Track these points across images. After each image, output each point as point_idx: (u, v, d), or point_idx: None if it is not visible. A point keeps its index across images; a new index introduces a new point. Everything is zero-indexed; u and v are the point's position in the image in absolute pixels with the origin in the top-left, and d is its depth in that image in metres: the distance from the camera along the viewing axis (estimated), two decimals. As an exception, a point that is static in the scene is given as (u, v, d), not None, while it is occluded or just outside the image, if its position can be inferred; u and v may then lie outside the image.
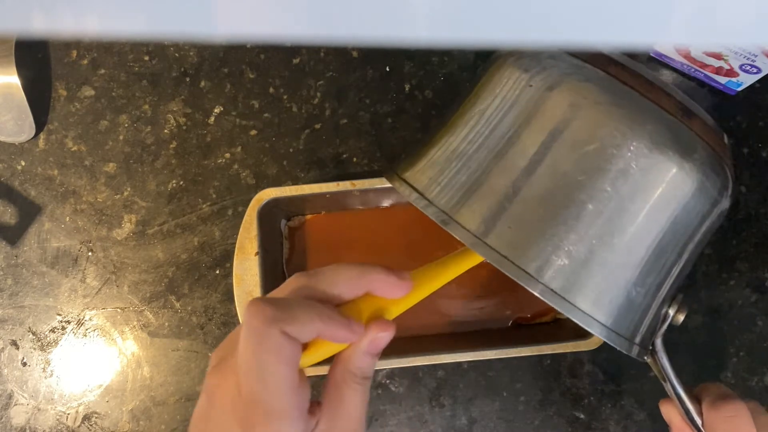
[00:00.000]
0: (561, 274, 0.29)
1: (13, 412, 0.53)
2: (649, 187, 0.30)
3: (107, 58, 0.56)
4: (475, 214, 0.30)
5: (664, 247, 0.31)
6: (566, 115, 0.30)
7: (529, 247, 0.29)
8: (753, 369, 0.51)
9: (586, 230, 0.29)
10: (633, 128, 0.29)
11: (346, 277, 0.30)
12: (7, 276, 0.54)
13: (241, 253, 0.48)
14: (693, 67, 0.52)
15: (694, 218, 0.31)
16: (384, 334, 0.30)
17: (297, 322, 0.27)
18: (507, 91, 0.31)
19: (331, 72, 0.55)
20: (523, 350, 0.47)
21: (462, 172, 0.31)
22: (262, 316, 0.27)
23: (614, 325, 0.30)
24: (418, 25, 0.15)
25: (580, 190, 0.29)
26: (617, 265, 0.30)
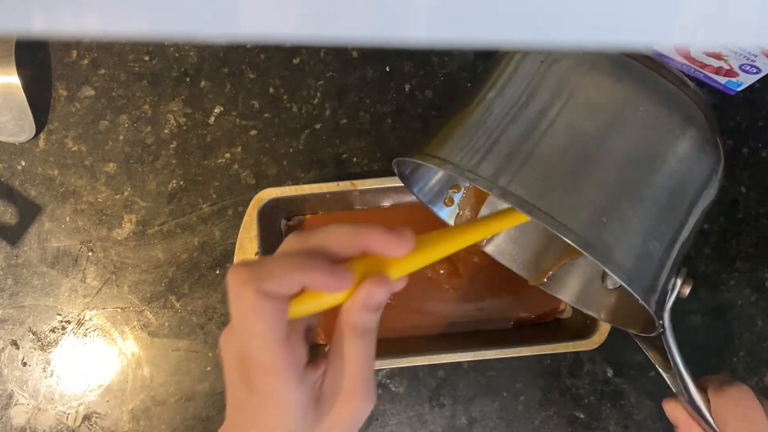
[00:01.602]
0: (591, 226, 0.31)
1: (13, 412, 0.53)
2: (690, 177, 0.33)
3: (107, 58, 0.56)
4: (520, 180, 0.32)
5: (675, 202, 0.34)
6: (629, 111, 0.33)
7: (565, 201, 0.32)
8: (753, 369, 0.51)
9: (610, 183, 0.32)
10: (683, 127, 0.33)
11: (341, 234, 0.29)
12: (7, 276, 0.54)
13: (241, 253, 0.48)
14: (693, 67, 0.52)
15: (697, 179, 0.35)
16: (379, 288, 0.29)
17: (273, 278, 0.27)
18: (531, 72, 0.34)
19: (331, 72, 0.55)
20: (523, 350, 0.47)
21: (499, 144, 0.33)
22: (236, 278, 0.27)
23: (636, 277, 0.32)
24: (418, 25, 0.15)
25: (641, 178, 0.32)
26: (640, 217, 0.32)
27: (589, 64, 0.33)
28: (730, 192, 0.53)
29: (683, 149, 0.33)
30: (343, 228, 0.30)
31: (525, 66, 0.35)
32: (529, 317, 0.52)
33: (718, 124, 0.37)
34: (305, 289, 0.28)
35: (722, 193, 0.52)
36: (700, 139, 0.34)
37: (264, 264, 0.28)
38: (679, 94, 0.34)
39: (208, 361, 0.52)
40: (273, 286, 0.27)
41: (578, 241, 0.30)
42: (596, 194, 0.32)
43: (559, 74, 0.34)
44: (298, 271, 0.28)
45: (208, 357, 0.52)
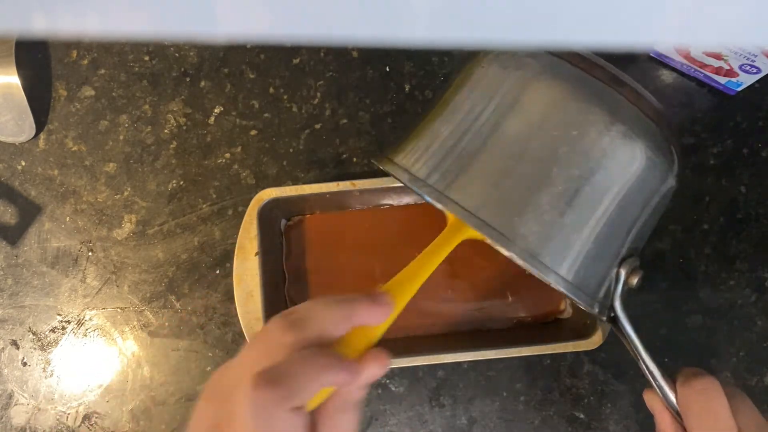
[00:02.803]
0: (537, 241, 0.33)
1: (13, 412, 0.53)
2: (620, 169, 0.34)
3: (107, 58, 0.56)
4: (464, 191, 0.34)
5: (621, 217, 0.35)
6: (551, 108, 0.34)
7: (514, 218, 0.34)
8: (753, 369, 0.51)
9: (563, 204, 0.34)
10: (609, 125, 0.34)
11: (333, 320, 0.30)
12: (7, 276, 0.54)
13: (241, 253, 0.48)
14: (693, 67, 0.52)
15: (648, 194, 0.36)
16: (380, 370, 0.30)
17: (302, 392, 0.28)
18: (498, 82, 0.36)
19: (331, 72, 0.55)
20: (523, 350, 0.47)
21: (454, 156, 0.35)
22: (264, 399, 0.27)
23: (579, 284, 0.34)
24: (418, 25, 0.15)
25: (562, 173, 0.34)
26: (586, 232, 0.34)
27: (518, 67, 0.35)
28: (730, 192, 0.53)
29: (608, 144, 0.34)
30: (333, 311, 0.31)
31: (472, 73, 0.37)
32: (529, 317, 0.52)
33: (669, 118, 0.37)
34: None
35: (722, 193, 0.52)
36: (631, 134, 0.34)
37: (289, 376, 0.28)
38: (608, 91, 0.35)
39: (208, 361, 0.52)
40: (301, 400, 0.28)
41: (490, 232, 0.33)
42: (514, 188, 0.34)
43: (490, 78, 0.36)
44: (321, 377, 0.28)
45: (208, 357, 0.52)
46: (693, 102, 0.53)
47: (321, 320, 0.30)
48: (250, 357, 0.31)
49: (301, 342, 0.30)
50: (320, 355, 0.29)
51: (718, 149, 0.53)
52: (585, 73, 0.35)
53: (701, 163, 0.53)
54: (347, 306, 0.31)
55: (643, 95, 0.36)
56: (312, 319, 0.30)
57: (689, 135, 0.53)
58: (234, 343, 0.52)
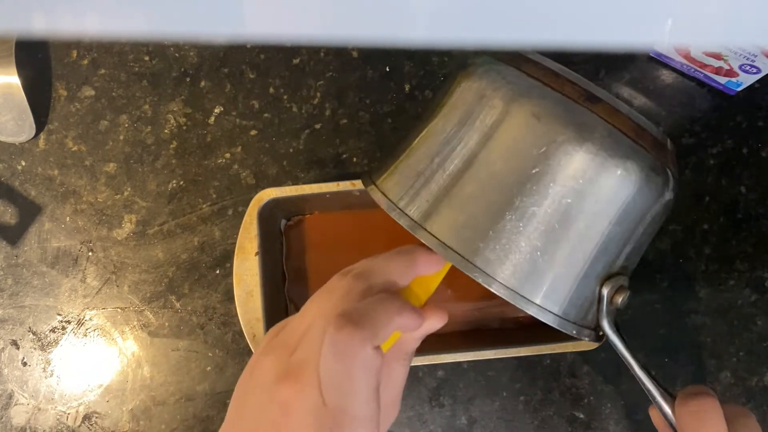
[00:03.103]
0: (515, 272, 0.33)
1: (13, 412, 0.53)
2: (593, 190, 0.33)
3: (107, 58, 0.56)
4: (440, 222, 0.34)
5: (608, 241, 0.34)
6: (520, 132, 0.33)
7: (486, 248, 0.33)
8: (753, 369, 0.51)
9: (538, 233, 0.33)
10: (578, 146, 0.33)
11: (399, 268, 0.33)
12: (7, 276, 0.54)
13: (241, 253, 0.48)
14: (693, 67, 0.52)
15: (637, 215, 0.35)
16: (440, 322, 0.33)
17: (381, 331, 0.29)
18: (470, 106, 0.35)
19: (331, 72, 0.55)
20: (523, 350, 0.47)
21: (430, 184, 0.35)
22: (353, 339, 0.28)
23: (563, 313, 0.34)
24: (418, 25, 0.15)
25: (532, 198, 0.33)
26: (565, 260, 0.33)
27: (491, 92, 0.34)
28: (730, 192, 0.53)
29: (579, 164, 0.32)
30: (398, 260, 0.33)
31: (450, 96, 0.36)
32: (529, 317, 0.52)
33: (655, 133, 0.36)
34: None
35: (722, 193, 0.52)
36: (602, 153, 0.33)
37: (370, 317, 0.29)
38: (580, 110, 0.33)
39: (208, 361, 0.52)
40: (381, 339, 0.29)
41: (457, 259, 0.33)
42: (480, 214, 0.33)
43: (464, 104, 0.35)
44: (397, 318, 0.30)
45: (208, 357, 0.52)
46: (693, 102, 0.53)
47: (386, 270, 0.32)
48: (322, 305, 0.31)
49: (372, 289, 0.31)
50: (394, 299, 0.31)
51: (718, 149, 0.53)
52: (557, 93, 0.33)
53: (701, 163, 0.53)
54: (409, 256, 0.33)
55: (620, 111, 0.34)
56: (377, 270, 0.32)
57: (689, 135, 0.53)
58: (234, 343, 0.52)
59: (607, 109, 0.34)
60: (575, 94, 0.34)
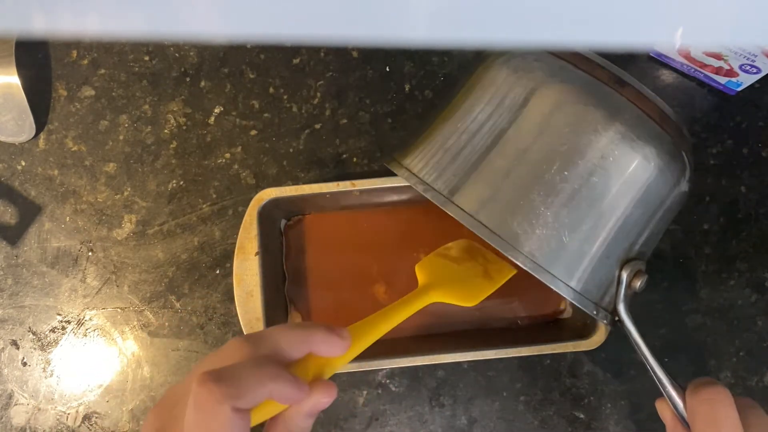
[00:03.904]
0: (540, 246, 0.33)
1: (13, 412, 0.53)
2: (619, 170, 0.34)
3: (107, 58, 0.56)
4: (468, 196, 0.34)
5: (629, 223, 0.35)
6: (550, 110, 0.34)
7: (513, 222, 0.33)
8: (753, 369, 0.51)
9: (565, 209, 0.34)
10: (607, 125, 0.34)
11: (291, 340, 0.31)
12: (7, 276, 0.54)
13: (241, 253, 0.48)
14: (693, 67, 0.52)
15: (656, 199, 0.36)
16: (327, 399, 0.31)
17: (249, 394, 0.28)
18: (498, 88, 0.36)
19: (331, 72, 0.55)
20: (523, 350, 0.47)
21: (458, 160, 0.35)
22: (210, 395, 0.27)
23: (583, 290, 0.34)
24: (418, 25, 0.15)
25: (561, 174, 0.33)
26: (588, 237, 0.34)
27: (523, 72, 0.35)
28: (730, 192, 0.53)
29: (606, 145, 0.33)
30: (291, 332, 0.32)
31: (479, 77, 0.37)
32: (529, 317, 0.52)
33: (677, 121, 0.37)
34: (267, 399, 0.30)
35: (722, 193, 0.52)
36: (630, 135, 0.34)
37: (236, 379, 0.28)
38: (609, 92, 0.34)
39: (208, 361, 0.52)
40: (246, 402, 0.28)
41: (485, 232, 0.33)
42: (508, 189, 0.34)
43: (495, 84, 0.36)
44: (268, 385, 0.29)
45: (208, 357, 0.52)
46: (693, 102, 0.53)
47: (277, 339, 0.31)
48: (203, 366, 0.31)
49: (256, 352, 0.30)
50: (270, 365, 0.29)
51: (718, 149, 0.53)
52: (587, 75, 0.34)
53: (701, 163, 0.53)
54: (305, 330, 0.32)
55: (647, 96, 0.35)
56: (269, 337, 0.31)
57: (689, 135, 0.53)
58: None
59: (634, 92, 0.35)
60: (604, 76, 0.35)
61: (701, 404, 0.34)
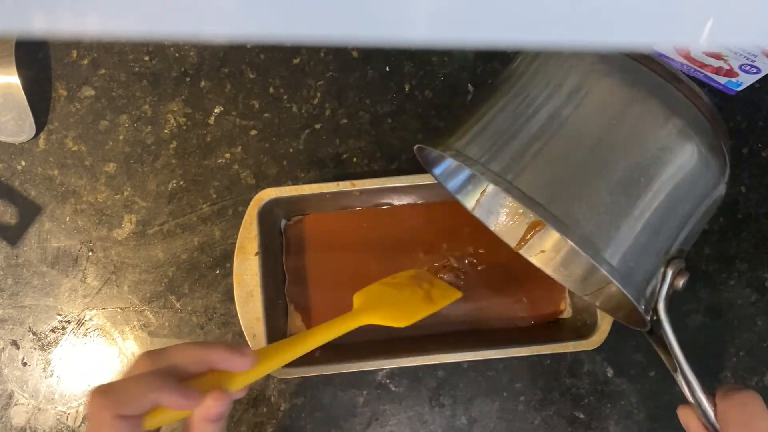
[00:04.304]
0: (596, 230, 0.34)
1: (13, 412, 0.53)
2: (673, 162, 0.35)
3: (107, 58, 0.56)
4: (527, 178, 0.34)
5: (676, 216, 0.35)
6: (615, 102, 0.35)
7: (572, 205, 0.34)
8: (753, 369, 0.51)
9: (621, 196, 0.34)
10: (666, 120, 0.34)
11: (190, 356, 0.34)
12: (7, 276, 0.54)
13: (241, 253, 0.48)
14: (693, 67, 0.52)
15: (700, 194, 0.36)
16: (216, 403, 0.33)
17: (129, 402, 0.31)
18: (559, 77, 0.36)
19: (331, 72, 0.55)
20: (523, 350, 0.47)
21: (512, 142, 0.35)
22: (94, 404, 0.31)
23: (628, 276, 0.34)
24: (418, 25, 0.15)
25: (620, 163, 0.34)
26: (642, 227, 0.34)
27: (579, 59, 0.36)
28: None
29: (665, 137, 0.34)
30: (190, 349, 0.34)
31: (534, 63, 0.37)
32: (529, 317, 0.52)
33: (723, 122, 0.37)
34: (158, 406, 0.32)
35: (722, 193, 0.52)
36: (687, 129, 0.35)
37: (119, 388, 0.32)
38: (667, 86, 0.35)
39: (208, 361, 0.52)
40: (127, 409, 0.31)
41: (542, 212, 0.33)
42: (570, 174, 0.34)
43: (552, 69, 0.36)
44: (150, 394, 0.32)
45: (208, 357, 0.52)
46: (693, 102, 0.53)
47: (176, 354, 0.34)
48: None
49: (153, 366, 0.33)
50: (157, 377, 0.32)
51: (718, 149, 0.53)
52: (645, 68, 0.35)
53: (701, 163, 0.53)
54: (204, 348, 0.34)
55: (699, 94, 0.36)
56: (169, 353, 0.34)
57: (689, 135, 0.53)
58: (234, 343, 0.52)
59: (690, 90, 0.36)
60: (661, 71, 0.36)
61: (735, 408, 0.35)
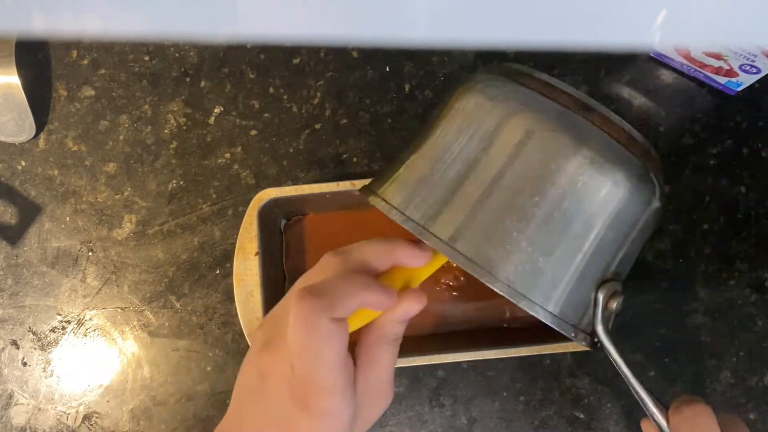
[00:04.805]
0: (516, 271, 0.34)
1: (13, 412, 0.53)
2: (589, 193, 0.35)
3: (107, 58, 0.56)
4: (445, 225, 0.35)
5: (603, 245, 0.35)
6: (521, 139, 0.35)
7: (490, 250, 0.34)
8: (753, 369, 0.51)
9: (538, 234, 0.34)
10: (575, 151, 0.34)
11: (376, 253, 0.34)
12: (7, 276, 0.54)
13: (241, 253, 0.48)
14: (692, 67, 0.52)
15: (628, 220, 0.36)
16: (417, 305, 0.33)
17: (343, 305, 0.30)
18: (470, 118, 0.36)
19: (331, 72, 0.55)
20: (523, 350, 0.47)
21: (434, 189, 0.36)
22: (309, 307, 0.29)
23: (561, 314, 0.35)
24: (418, 25, 0.15)
25: (532, 200, 0.34)
26: (563, 262, 0.35)
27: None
28: (730, 192, 0.53)
29: (576, 168, 0.34)
30: (376, 245, 0.34)
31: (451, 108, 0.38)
32: (529, 317, 0.52)
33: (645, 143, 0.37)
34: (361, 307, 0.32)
35: (722, 193, 0.52)
36: (598, 158, 0.34)
37: (330, 290, 0.30)
38: (576, 118, 0.35)
39: (208, 361, 0.52)
40: (342, 311, 0.30)
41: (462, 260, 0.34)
42: (483, 216, 0.34)
43: (466, 114, 0.37)
44: (362, 293, 0.31)
45: (208, 357, 0.52)
46: (693, 102, 0.53)
47: (365, 251, 0.34)
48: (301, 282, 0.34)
49: (345, 265, 0.33)
50: (359, 276, 0.32)
51: (718, 149, 0.53)
52: (553, 103, 0.35)
53: (701, 163, 0.53)
54: (389, 243, 0.34)
55: (613, 121, 0.36)
56: (356, 250, 0.34)
57: (689, 135, 0.53)
58: (234, 343, 0.52)
59: (601, 117, 0.35)
60: (570, 103, 0.35)
61: (683, 422, 0.35)
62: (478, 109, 0.36)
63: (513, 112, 0.35)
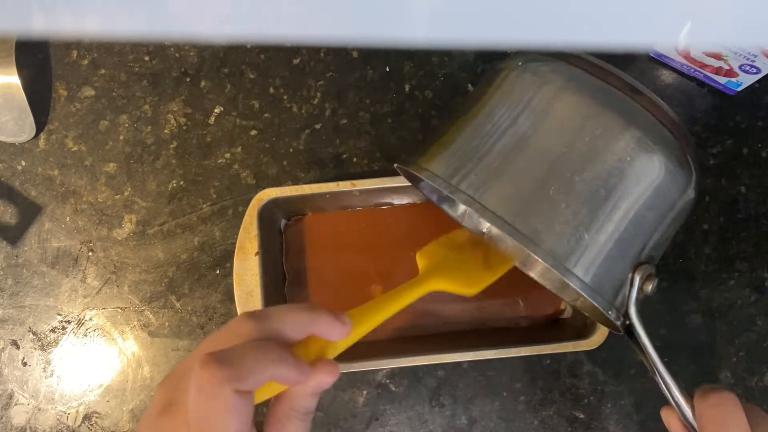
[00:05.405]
0: (559, 242, 0.35)
1: (13, 412, 0.53)
2: (633, 172, 0.36)
3: (107, 58, 0.56)
4: (492, 195, 0.35)
5: (642, 224, 0.36)
6: (571, 116, 0.36)
7: (536, 220, 0.35)
8: (753, 369, 0.51)
9: (584, 209, 0.35)
10: (624, 130, 0.35)
11: (295, 322, 0.31)
12: (7, 276, 0.54)
13: (241, 253, 0.48)
14: (692, 67, 0.52)
15: (666, 203, 0.37)
16: (330, 378, 0.31)
17: (250, 378, 0.28)
18: (523, 93, 0.37)
19: (331, 72, 0.55)
20: (523, 350, 0.47)
21: (481, 162, 0.36)
22: (211, 376, 0.27)
23: (598, 289, 0.35)
24: (418, 25, 0.15)
25: (577, 176, 0.35)
26: (605, 237, 0.35)
27: (541, 79, 0.37)
28: (730, 192, 0.53)
29: (623, 148, 0.35)
30: (294, 314, 0.32)
31: (498, 85, 0.39)
32: (529, 317, 0.52)
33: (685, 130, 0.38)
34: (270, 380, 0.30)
35: (722, 193, 0.52)
36: (645, 139, 0.35)
37: (238, 360, 0.28)
38: (625, 99, 0.36)
39: (208, 361, 0.52)
40: (249, 385, 0.28)
41: (505, 227, 0.34)
42: (530, 188, 0.35)
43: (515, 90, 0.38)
44: (272, 366, 0.29)
45: (208, 357, 0.52)
46: (693, 102, 0.53)
47: (283, 319, 0.31)
48: (208, 344, 0.31)
49: (258, 333, 0.30)
50: (272, 347, 0.29)
51: (718, 149, 0.53)
52: (603, 82, 0.36)
53: (701, 163, 0.53)
54: (309, 313, 0.32)
55: (659, 105, 0.37)
56: (273, 316, 0.31)
57: (695, 144, 0.53)
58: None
59: (648, 100, 0.36)
60: (620, 84, 0.36)
61: (711, 408, 0.35)
62: (529, 86, 0.37)
63: (564, 90, 0.36)
